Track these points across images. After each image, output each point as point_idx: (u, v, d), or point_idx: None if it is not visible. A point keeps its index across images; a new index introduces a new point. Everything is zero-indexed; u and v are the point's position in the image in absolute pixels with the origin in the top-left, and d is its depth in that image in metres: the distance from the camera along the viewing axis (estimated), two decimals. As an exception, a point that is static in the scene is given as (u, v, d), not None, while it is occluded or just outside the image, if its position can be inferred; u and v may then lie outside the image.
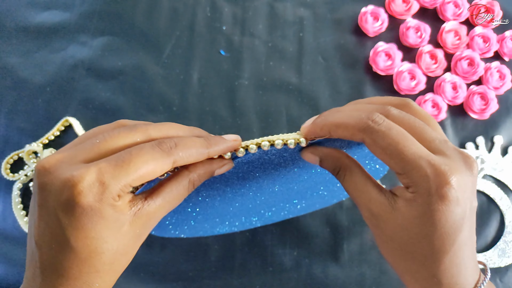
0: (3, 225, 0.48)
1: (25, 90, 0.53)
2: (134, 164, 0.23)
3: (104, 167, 0.22)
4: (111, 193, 0.22)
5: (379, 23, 0.55)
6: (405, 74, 0.52)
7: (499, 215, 0.51)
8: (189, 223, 0.41)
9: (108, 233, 0.23)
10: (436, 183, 0.23)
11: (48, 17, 0.56)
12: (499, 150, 0.52)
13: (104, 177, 0.22)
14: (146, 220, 0.25)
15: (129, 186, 0.23)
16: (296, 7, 0.57)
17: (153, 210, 0.25)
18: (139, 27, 0.55)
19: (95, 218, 0.22)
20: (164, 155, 0.24)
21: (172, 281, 0.47)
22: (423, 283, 0.26)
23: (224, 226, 0.45)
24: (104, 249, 0.23)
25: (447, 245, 0.24)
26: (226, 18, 0.56)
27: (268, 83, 0.54)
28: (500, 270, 0.49)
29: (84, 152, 0.24)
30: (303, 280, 0.47)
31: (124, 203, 0.24)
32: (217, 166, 0.28)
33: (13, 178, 0.49)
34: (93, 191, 0.22)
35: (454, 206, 0.23)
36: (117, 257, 0.24)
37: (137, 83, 0.53)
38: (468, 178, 0.24)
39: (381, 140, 0.24)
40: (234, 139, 0.28)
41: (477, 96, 0.52)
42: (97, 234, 0.23)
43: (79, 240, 0.23)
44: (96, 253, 0.23)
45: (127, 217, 0.24)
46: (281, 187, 0.38)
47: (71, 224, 0.22)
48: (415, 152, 0.24)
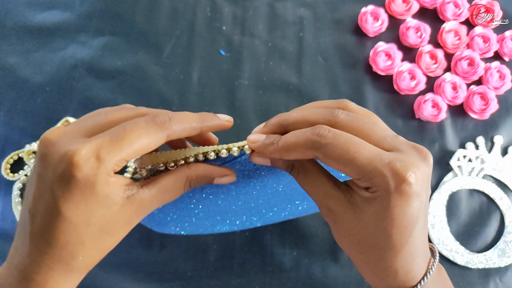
0: (3, 225, 0.48)
1: (25, 89, 0.53)
2: (128, 139, 0.24)
3: (100, 142, 0.23)
4: (105, 167, 0.23)
5: (379, 23, 0.55)
6: (405, 74, 0.52)
7: (499, 215, 0.51)
8: (191, 220, 0.41)
9: (97, 208, 0.24)
10: (394, 181, 0.23)
11: (48, 17, 0.56)
12: (499, 150, 0.52)
13: (100, 152, 0.23)
14: (138, 207, 0.26)
15: (124, 160, 0.24)
16: (296, 7, 0.57)
17: (146, 198, 0.26)
18: (139, 27, 0.55)
19: (87, 192, 0.23)
20: (157, 129, 0.25)
21: (171, 281, 0.47)
22: (380, 273, 0.26)
23: (224, 225, 0.44)
24: (91, 222, 0.24)
25: (404, 238, 0.25)
26: (226, 18, 0.56)
27: (268, 83, 0.54)
28: (500, 270, 0.49)
29: (85, 128, 0.25)
30: (303, 280, 0.47)
31: (118, 184, 0.25)
32: (218, 174, 0.28)
33: (13, 178, 0.49)
34: (88, 165, 0.23)
35: (413, 200, 0.24)
36: (103, 235, 0.25)
37: (137, 83, 0.53)
38: (424, 170, 0.24)
39: (331, 152, 0.24)
40: (227, 119, 0.29)
41: (477, 96, 0.52)
42: (87, 206, 0.24)
43: (69, 210, 0.24)
44: (84, 224, 0.24)
45: (119, 198, 0.25)
46: (285, 187, 0.38)
47: (64, 195, 0.23)
48: (367, 156, 0.24)
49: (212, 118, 0.28)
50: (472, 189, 0.51)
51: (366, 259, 0.27)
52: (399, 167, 0.23)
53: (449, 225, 0.50)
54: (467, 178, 0.51)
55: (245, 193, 0.37)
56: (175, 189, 0.27)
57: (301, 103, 0.52)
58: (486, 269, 0.49)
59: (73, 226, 0.24)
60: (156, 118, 0.25)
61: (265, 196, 0.39)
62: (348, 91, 0.54)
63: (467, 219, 0.50)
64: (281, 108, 0.53)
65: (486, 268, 0.49)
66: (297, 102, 0.53)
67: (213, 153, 0.28)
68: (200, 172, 0.28)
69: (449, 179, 0.51)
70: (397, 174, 0.23)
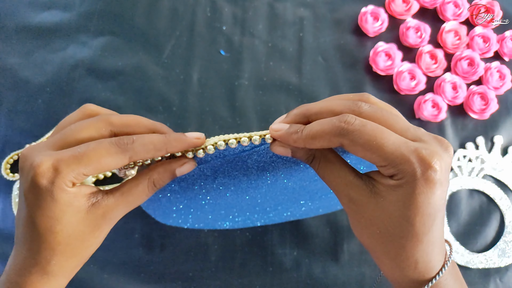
0: (3, 225, 0.48)
1: (25, 90, 0.53)
2: (88, 157, 0.26)
3: (61, 156, 0.26)
4: (63, 178, 0.25)
5: (379, 23, 0.55)
6: (405, 74, 0.52)
7: (499, 215, 0.51)
8: (196, 212, 0.41)
9: (62, 216, 0.26)
10: (421, 168, 0.24)
11: (48, 17, 0.55)
12: (499, 150, 0.52)
13: (59, 164, 0.25)
14: (103, 213, 0.27)
15: (82, 175, 0.26)
16: (296, 7, 0.57)
17: (111, 204, 0.28)
18: (139, 27, 0.55)
19: (49, 199, 0.25)
20: (119, 150, 0.26)
21: (172, 281, 0.47)
22: (401, 264, 0.26)
23: (226, 220, 0.44)
24: (58, 229, 0.26)
25: (427, 227, 0.25)
26: (226, 18, 0.56)
27: (268, 83, 0.54)
28: (500, 270, 0.49)
29: (54, 142, 0.27)
30: (303, 280, 0.47)
31: (81, 193, 0.27)
32: (176, 165, 0.29)
33: (13, 178, 0.49)
34: (47, 175, 0.25)
35: (437, 188, 0.24)
36: (72, 241, 0.27)
37: (137, 83, 0.53)
38: (446, 159, 0.25)
39: (358, 138, 0.24)
40: (196, 137, 0.29)
41: (477, 96, 0.52)
42: (52, 214, 0.26)
43: (38, 217, 0.26)
44: (52, 231, 0.26)
45: (83, 206, 0.27)
46: (294, 184, 0.38)
47: (33, 202, 0.26)
48: (394, 142, 0.24)
49: (177, 138, 0.28)
50: (472, 189, 0.51)
51: (387, 250, 0.27)
52: (425, 154, 0.24)
53: (449, 225, 0.50)
54: (467, 178, 0.51)
55: (255, 186, 0.37)
56: (139, 192, 0.28)
57: (301, 103, 0.52)
58: (486, 269, 0.49)
59: (42, 233, 0.26)
60: (120, 140, 0.27)
61: (273, 192, 0.39)
62: (348, 91, 0.54)
63: (467, 219, 0.50)
64: (281, 108, 0.53)
65: (486, 268, 0.49)
66: (297, 102, 0.53)
67: (234, 140, 0.28)
68: (160, 169, 0.29)
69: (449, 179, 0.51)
70: (423, 160, 0.24)
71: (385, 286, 0.48)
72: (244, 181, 0.36)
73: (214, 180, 0.35)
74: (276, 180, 0.36)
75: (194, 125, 0.52)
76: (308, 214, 0.46)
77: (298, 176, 0.36)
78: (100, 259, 0.47)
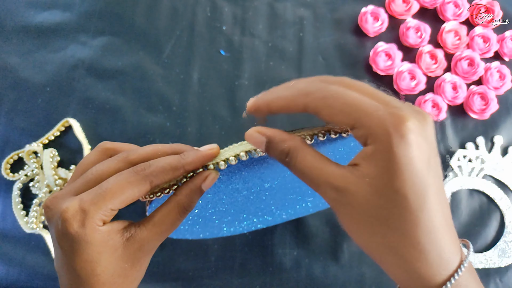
0: (3, 225, 0.48)
1: (25, 90, 0.53)
2: (112, 191, 0.25)
3: (85, 196, 0.26)
4: (92, 218, 0.25)
5: (379, 23, 0.55)
6: (405, 74, 0.52)
7: (499, 215, 0.51)
8: (203, 222, 0.41)
9: (100, 257, 0.26)
10: (393, 124, 0.22)
11: (48, 17, 0.56)
12: (499, 150, 0.52)
13: (85, 205, 0.25)
14: (139, 246, 0.27)
15: (110, 210, 0.26)
16: (296, 7, 0.57)
17: (145, 236, 0.27)
18: (139, 27, 0.55)
19: (83, 243, 0.25)
20: (139, 178, 0.26)
21: (171, 281, 0.47)
22: (409, 256, 0.23)
23: (231, 226, 0.44)
24: (99, 271, 0.26)
25: (419, 197, 0.22)
26: (226, 18, 0.56)
27: (268, 83, 0.54)
28: (500, 270, 0.49)
29: (75, 188, 0.27)
30: (303, 280, 0.47)
31: (114, 230, 0.26)
32: (200, 180, 0.28)
33: (13, 178, 0.49)
34: (76, 218, 0.25)
35: (416, 149, 0.22)
36: (115, 279, 0.27)
37: (137, 83, 0.53)
38: (423, 124, 0.23)
39: (325, 96, 0.24)
40: (209, 148, 0.28)
41: (477, 96, 0.52)
42: (89, 257, 0.25)
43: (77, 264, 0.26)
44: (93, 275, 0.26)
45: (118, 242, 0.26)
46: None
47: (69, 250, 0.26)
48: (372, 104, 0.23)
49: (193, 154, 0.28)
50: (472, 189, 0.51)
51: (388, 243, 0.23)
52: (400, 114, 0.22)
53: (449, 225, 0.50)
54: (467, 178, 0.51)
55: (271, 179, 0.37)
56: (171, 220, 0.28)
57: (301, 103, 0.53)
58: (486, 269, 0.49)
59: (85, 278, 0.26)
60: (137, 167, 0.27)
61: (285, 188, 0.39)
62: (348, 91, 0.54)
63: (467, 219, 0.50)
64: (281, 108, 0.53)
65: (486, 268, 0.49)
66: (297, 102, 0.53)
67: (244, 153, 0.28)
68: (186, 191, 0.28)
69: (449, 179, 0.51)
70: (396, 118, 0.22)
71: (385, 286, 0.48)
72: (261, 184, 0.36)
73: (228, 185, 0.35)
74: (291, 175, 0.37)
75: (194, 125, 0.52)
76: (303, 213, 0.46)
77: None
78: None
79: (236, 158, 0.28)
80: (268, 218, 0.45)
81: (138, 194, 0.26)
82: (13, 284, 0.47)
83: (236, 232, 0.46)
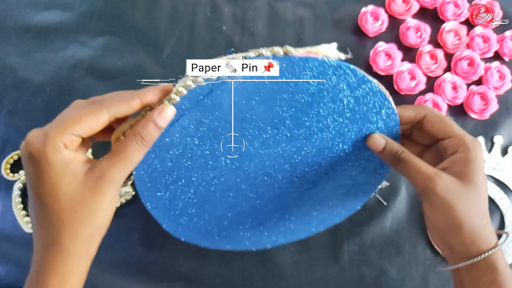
0: (3, 225, 0.48)
1: (25, 90, 0.53)
2: (70, 117, 0.28)
3: (47, 125, 0.28)
4: (52, 139, 0.27)
5: (379, 23, 0.55)
6: (405, 74, 0.52)
7: (499, 215, 0.51)
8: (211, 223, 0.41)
9: (61, 180, 0.27)
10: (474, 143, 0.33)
11: (48, 17, 0.56)
12: (499, 150, 0.52)
13: (46, 129, 0.28)
14: (100, 174, 0.28)
15: (71, 134, 0.28)
16: (296, 7, 0.57)
17: (105, 165, 0.28)
18: (139, 27, 0.55)
19: (45, 163, 0.27)
20: (95, 106, 0.29)
21: (172, 281, 0.47)
22: (477, 224, 0.32)
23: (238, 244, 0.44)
24: (61, 196, 0.27)
25: (485, 189, 0.34)
26: (226, 18, 0.56)
27: (268, 83, 0.54)
28: (500, 270, 0.49)
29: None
30: (303, 280, 0.47)
31: (76, 157, 0.28)
32: (155, 113, 0.30)
33: (13, 178, 0.49)
34: (37, 139, 0.27)
35: (479, 155, 0.33)
36: (76, 206, 0.28)
37: (137, 83, 0.53)
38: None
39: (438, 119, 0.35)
40: (164, 84, 0.31)
41: (477, 96, 0.52)
42: (52, 180, 0.27)
43: (40, 187, 0.27)
44: (56, 199, 0.27)
45: (80, 169, 0.28)
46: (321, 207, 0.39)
47: (32, 173, 0.28)
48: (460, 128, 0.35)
49: (148, 88, 0.30)
50: (472, 189, 0.51)
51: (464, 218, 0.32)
52: (472, 137, 0.34)
53: (449, 225, 0.50)
54: (467, 178, 0.51)
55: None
56: (129, 148, 0.29)
57: (301, 103, 0.52)
58: (486, 269, 0.49)
59: (46, 202, 0.28)
60: (95, 99, 0.30)
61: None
62: (348, 91, 0.54)
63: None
64: (281, 108, 0.53)
65: (486, 268, 0.49)
66: (297, 102, 0.53)
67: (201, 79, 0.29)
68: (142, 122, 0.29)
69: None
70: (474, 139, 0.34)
71: (385, 286, 0.48)
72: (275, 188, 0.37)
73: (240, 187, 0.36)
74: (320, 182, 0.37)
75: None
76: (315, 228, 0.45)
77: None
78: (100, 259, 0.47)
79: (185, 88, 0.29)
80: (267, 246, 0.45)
81: (96, 121, 0.28)
82: (13, 284, 0.47)
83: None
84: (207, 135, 0.33)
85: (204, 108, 0.31)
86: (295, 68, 0.29)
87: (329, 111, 0.33)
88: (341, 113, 0.33)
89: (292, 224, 0.42)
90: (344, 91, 0.32)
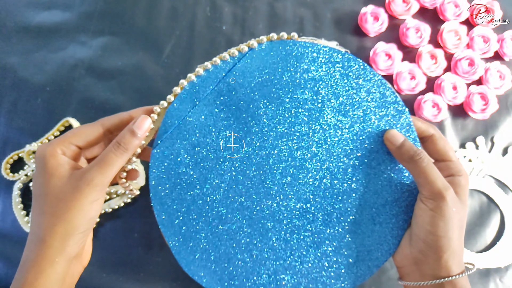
0: (3, 225, 0.48)
1: (25, 90, 0.53)
2: (72, 132, 0.34)
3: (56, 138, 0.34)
4: (52, 145, 0.33)
5: (379, 23, 0.55)
6: (405, 74, 0.52)
7: (499, 215, 0.51)
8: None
9: (50, 179, 0.32)
10: (450, 192, 0.33)
11: (48, 17, 0.56)
12: (499, 150, 0.52)
13: (53, 140, 0.34)
14: (81, 175, 0.32)
15: (69, 143, 0.34)
16: (296, 7, 0.57)
17: (86, 168, 0.33)
18: (139, 27, 0.55)
19: (42, 164, 0.32)
20: (93, 123, 0.35)
21: (171, 281, 0.47)
22: (444, 249, 0.33)
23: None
24: (47, 191, 0.32)
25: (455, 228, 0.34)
26: (226, 18, 0.56)
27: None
28: (500, 270, 0.49)
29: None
30: (303, 280, 0.47)
31: (68, 162, 0.33)
32: (132, 123, 0.34)
33: (13, 178, 0.49)
34: (44, 145, 0.33)
35: (453, 206, 0.34)
36: (58, 203, 0.31)
37: (137, 83, 0.53)
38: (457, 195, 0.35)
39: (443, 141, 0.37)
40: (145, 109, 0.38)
41: (477, 96, 0.52)
42: (43, 180, 0.32)
43: (36, 184, 0.33)
44: (42, 195, 0.32)
45: (66, 171, 0.32)
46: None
47: (36, 173, 0.33)
48: (443, 181, 0.34)
49: (136, 109, 0.37)
50: (472, 189, 0.51)
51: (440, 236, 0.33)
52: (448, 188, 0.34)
53: (449, 225, 0.50)
54: (467, 178, 0.51)
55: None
56: (107, 152, 0.33)
57: (301, 103, 0.52)
58: (486, 269, 0.49)
59: (37, 197, 0.32)
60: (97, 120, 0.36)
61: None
62: (348, 91, 0.54)
63: (467, 219, 0.50)
64: (281, 108, 0.53)
65: (486, 268, 0.49)
66: (297, 102, 0.53)
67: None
68: (120, 130, 0.35)
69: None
70: (449, 189, 0.34)
71: (385, 285, 0.48)
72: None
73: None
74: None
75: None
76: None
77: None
78: (100, 259, 0.47)
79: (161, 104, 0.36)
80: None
81: (91, 133, 0.35)
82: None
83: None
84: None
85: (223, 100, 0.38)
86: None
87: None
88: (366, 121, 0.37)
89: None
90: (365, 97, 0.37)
